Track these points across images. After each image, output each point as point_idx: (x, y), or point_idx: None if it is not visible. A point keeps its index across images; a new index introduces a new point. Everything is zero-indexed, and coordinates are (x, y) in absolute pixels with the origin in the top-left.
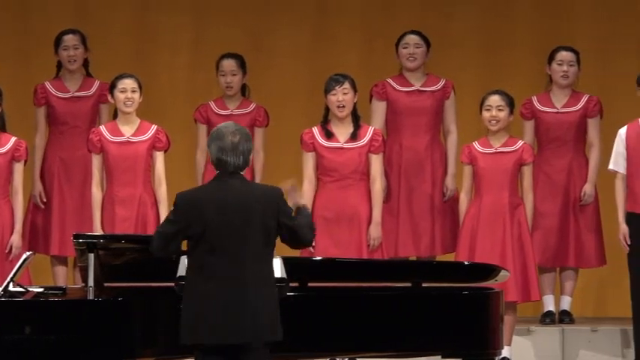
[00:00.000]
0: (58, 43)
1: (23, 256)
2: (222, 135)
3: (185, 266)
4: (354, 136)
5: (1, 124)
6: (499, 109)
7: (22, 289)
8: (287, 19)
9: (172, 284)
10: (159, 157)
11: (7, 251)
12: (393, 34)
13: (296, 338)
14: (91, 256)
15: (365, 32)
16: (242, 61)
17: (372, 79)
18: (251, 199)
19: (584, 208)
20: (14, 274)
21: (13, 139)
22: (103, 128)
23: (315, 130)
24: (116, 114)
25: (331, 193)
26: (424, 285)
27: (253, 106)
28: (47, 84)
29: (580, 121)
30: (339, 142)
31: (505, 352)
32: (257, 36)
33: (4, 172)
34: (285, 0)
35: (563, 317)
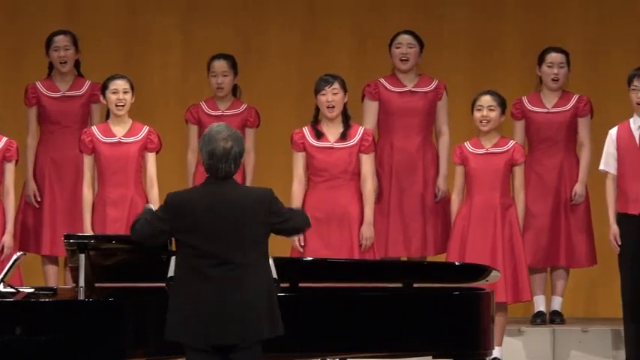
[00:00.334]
0: (49, 44)
1: (14, 257)
2: (214, 140)
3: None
4: (344, 136)
5: None
6: (490, 110)
7: (12, 290)
8: (278, 20)
9: (163, 285)
10: (150, 158)
11: None
12: (383, 34)
13: (287, 339)
14: (82, 256)
15: (356, 33)
16: (233, 62)
17: (363, 79)
18: (242, 201)
19: (575, 208)
20: (5, 275)
21: (4, 140)
22: (94, 129)
23: (306, 130)
24: (108, 114)
25: (321, 193)
26: (415, 285)
27: (244, 106)
28: (38, 84)
29: (570, 121)
30: (329, 142)
31: (496, 352)
32: (248, 37)
33: None
34: (275, 1)
35: (554, 317)
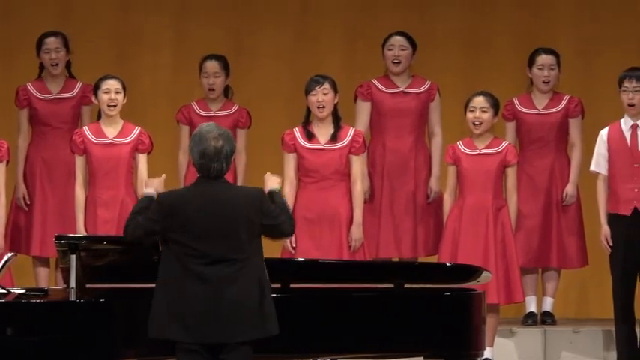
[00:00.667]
0: (40, 45)
1: (5, 257)
2: (205, 139)
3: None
4: (334, 138)
5: None
6: (483, 111)
7: (3, 291)
8: (269, 21)
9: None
10: (142, 160)
11: None
12: (375, 34)
13: (278, 339)
14: (73, 257)
15: (347, 33)
16: (225, 63)
17: (355, 79)
18: (233, 201)
19: (566, 208)
20: None
21: None
22: (86, 130)
23: (296, 131)
24: (100, 115)
25: (312, 194)
26: (406, 286)
27: (236, 107)
28: (29, 85)
29: (561, 121)
30: (320, 143)
31: (487, 353)
32: (239, 37)
33: None
34: (267, 1)
35: (545, 318)
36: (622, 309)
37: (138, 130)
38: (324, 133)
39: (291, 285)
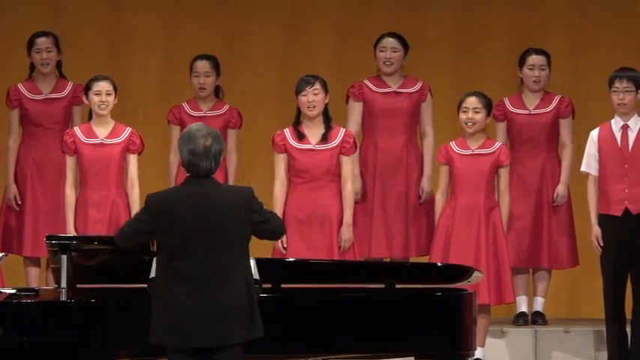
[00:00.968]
0: (30, 45)
1: None
2: (194, 138)
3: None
4: (325, 138)
5: None
6: (475, 111)
7: None
8: (260, 21)
9: (145, 286)
10: (132, 160)
11: None
12: (366, 34)
13: (270, 340)
14: (64, 257)
15: (338, 33)
16: (216, 63)
17: (346, 80)
18: (223, 201)
19: (557, 209)
20: None
21: None
22: (77, 130)
23: (287, 131)
24: (91, 115)
25: (302, 194)
26: (397, 286)
27: (226, 107)
28: (20, 86)
29: (552, 122)
30: (311, 143)
31: (478, 353)
32: (230, 37)
33: None
34: (258, 1)
35: (536, 318)
36: (613, 309)
37: (129, 130)
38: (314, 133)
39: (283, 285)
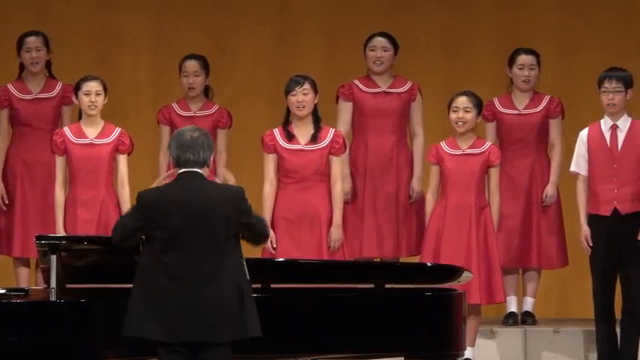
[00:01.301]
0: (20, 45)
1: None
2: (182, 132)
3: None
4: (314, 138)
5: None
6: (466, 111)
7: None
8: (249, 21)
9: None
10: (122, 160)
11: None
12: (356, 34)
13: (259, 339)
14: (54, 257)
15: (328, 33)
16: (205, 63)
17: (335, 80)
18: (213, 199)
19: (547, 209)
20: None
21: None
22: (66, 130)
23: (276, 131)
24: (80, 115)
25: (292, 194)
26: (387, 286)
27: (216, 107)
28: (9, 86)
29: (542, 122)
30: (300, 144)
31: (468, 353)
32: (219, 37)
33: None
34: (247, 1)
35: (526, 318)
36: (602, 309)
37: (118, 130)
38: (304, 133)
39: (272, 285)
